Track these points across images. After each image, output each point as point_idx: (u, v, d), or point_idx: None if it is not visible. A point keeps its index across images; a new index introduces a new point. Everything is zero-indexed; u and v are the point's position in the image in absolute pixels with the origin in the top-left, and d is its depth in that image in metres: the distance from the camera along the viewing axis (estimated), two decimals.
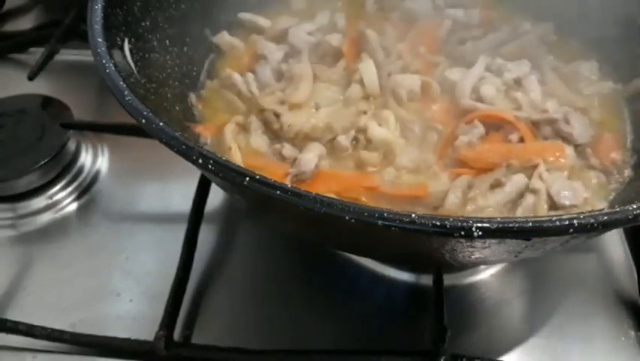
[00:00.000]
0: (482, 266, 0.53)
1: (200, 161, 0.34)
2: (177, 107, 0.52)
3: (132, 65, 0.46)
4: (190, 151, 0.34)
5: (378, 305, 0.51)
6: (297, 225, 0.43)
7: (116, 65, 0.41)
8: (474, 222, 0.29)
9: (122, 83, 0.39)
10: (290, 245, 0.56)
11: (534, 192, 0.46)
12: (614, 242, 0.55)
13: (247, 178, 0.32)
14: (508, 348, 0.48)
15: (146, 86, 0.47)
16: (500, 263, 0.53)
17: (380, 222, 0.30)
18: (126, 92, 0.39)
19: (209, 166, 0.33)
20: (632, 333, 0.49)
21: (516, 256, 0.40)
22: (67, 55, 0.76)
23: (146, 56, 0.50)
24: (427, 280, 0.51)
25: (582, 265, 0.53)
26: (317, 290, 0.53)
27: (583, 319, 0.50)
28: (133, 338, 0.48)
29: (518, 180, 0.46)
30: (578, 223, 0.30)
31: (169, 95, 0.51)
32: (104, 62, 0.41)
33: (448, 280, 0.50)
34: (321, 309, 0.51)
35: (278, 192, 0.32)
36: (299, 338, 0.49)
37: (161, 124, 0.36)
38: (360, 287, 0.52)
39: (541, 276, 0.53)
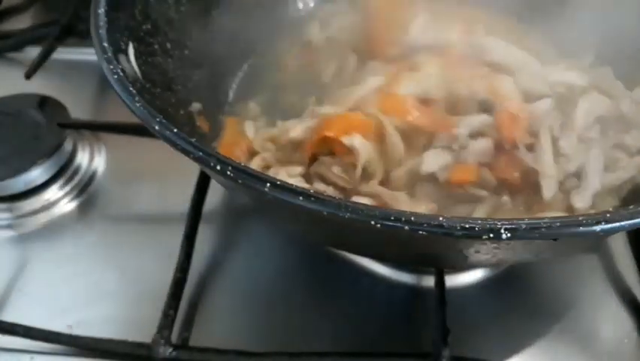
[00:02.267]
0: (483, 267, 0.53)
1: (219, 167, 0.33)
2: (181, 112, 0.52)
3: (137, 69, 0.46)
4: (208, 158, 0.34)
5: (378, 307, 0.51)
6: (314, 228, 0.43)
7: (123, 70, 0.41)
8: (502, 224, 0.29)
9: (131, 88, 0.39)
10: (290, 246, 0.55)
11: None
12: (618, 243, 0.54)
13: (268, 185, 0.32)
14: (509, 350, 0.48)
15: (151, 91, 0.46)
16: (523, 262, 0.52)
17: (407, 226, 0.30)
18: (137, 98, 0.38)
19: (229, 173, 0.33)
20: (636, 335, 0.48)
21: (537, 256, 0.40)
22: (64, 54, 0.75)
23: (149, 60, 0.50)
24: (427, 281, 0.51)
25: (585, 267, 0.53)
26: (317, 291, 0.52)
27: (585, 320, 0.49)
28: (130, 340, 0.47)
29: None
30: (605, 222, 0.29)
31: (172, 100, 0.51)
32: (111, 67, 0.40)
33: (450, 281, 0.50)
34: (321, 310, 0.51)
35: (300, 197, 0.31)
36: (298, 340, 0.48)
37: (175, 130, 0.36)
38: (360, 288, 0.52)
39: (543, 277, 0.52)
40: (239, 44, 0.63)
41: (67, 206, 0.60)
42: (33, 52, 0.75)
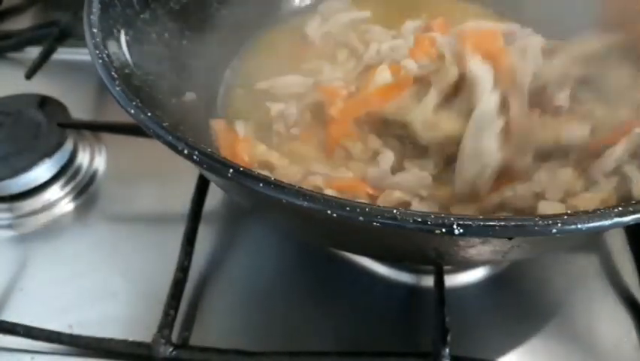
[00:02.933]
0: (483, 267, 0.53)
1: (186, 151, 0.34)
2: (173, 100, 0.52)
3: (128, 56, 0.46)
4: (176, 142, 0.35)
5: (378, 306, 0.51)
6: (283, 217, 0.43)
7: (109, 56, 0.42)
8: (455, 219, 0.29)
9: (113, 73, 0.40)
10: (290, 246, 0.55)
11: None
12: (617, 243, 0.54)
13: (231, 170, 0.33)
14: (508, 350, 0.48)
15: (142, 78, 0.47)
16: (493, 263, 0.53)
17: (361, 217, 0.30)
18: (117, 82, 0.39)
19: (195, 157, 0.34)
20: (635, 335, 0.48)
21: (503, 257, 0.40)
22: (64, 54, 0.75)
23: (144, 48, 0.50)
24: (427, 281, 0.51)
25: (584, 266, 0.53)
26: (317, 291, 0.52)
27: (585, 320, 0.49)
28: (130, 339, 0.48)
29: None
30: (562, 224, 0.29)
31: (165, 88, 0.51)
32: (97, 52, 0.42)
33: (449, 281, 0.50)
34: (321, 310, 0.51)
35: (261, 184, 0.32)
36: (298, 340, 0.49)
37: (149, 114, 0.37)
38: (360, 288, 0.52)
39: (543, 277, 0.52)
40: (237, 35, 0.63)
41: (68, 206, 0.61)
42: (33, 52, 0.75)
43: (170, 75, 0.53)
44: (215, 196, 0.58)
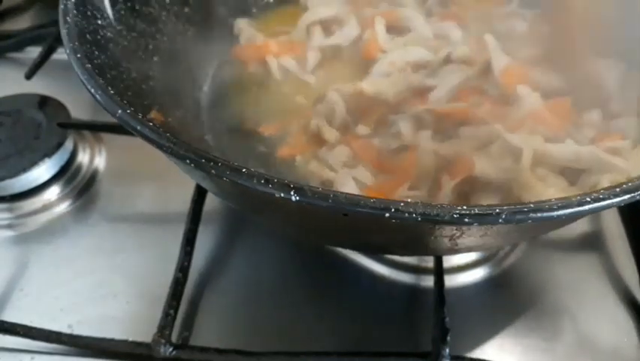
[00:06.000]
0: (482, 267, 0.53)
1: (120, 114, 0.37)
2: (155, 59, 0.53)
3: (109, 9, 0.48)
4: (108, 102, 0.37)
5: (378, 306, 0.51)
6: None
7: (75, 3, 0.44)
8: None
9: (68, 18, 0.42)
10: (290, 246, 0.55)
11: None
12: (618, 242, 0.54)
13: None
14: (508, 350, 0.48)
15: (122, 33, 0.48)
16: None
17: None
18: (67, 26, 0.42)
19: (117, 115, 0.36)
20: (635, 335, 0.48)
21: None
22: (64, 54, 0.74)
23: (136, 7, 0.51)
24: (427, 281, 0.51)
25: (584, 266, 0.53)
26: (317, 291, 0.52)
27: (585, 320, 0.49)
28: (130, 339, 0.48)
29: None
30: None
31: (150, 47, 0.52)
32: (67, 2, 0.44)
33: (449, 281, 0.50)
34: (321, 310, 0.51)
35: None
36: (298, 340, 0.49)
37: (88, 65, 0.39)
38: (360, 288, 0.52)
39: (543, 277, 0.53)
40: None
41: (68, 206, 0.61)
42: (33, 52, 0.75)
43: (161, 37, 0.54)
44: (215, 196, 0.58)
